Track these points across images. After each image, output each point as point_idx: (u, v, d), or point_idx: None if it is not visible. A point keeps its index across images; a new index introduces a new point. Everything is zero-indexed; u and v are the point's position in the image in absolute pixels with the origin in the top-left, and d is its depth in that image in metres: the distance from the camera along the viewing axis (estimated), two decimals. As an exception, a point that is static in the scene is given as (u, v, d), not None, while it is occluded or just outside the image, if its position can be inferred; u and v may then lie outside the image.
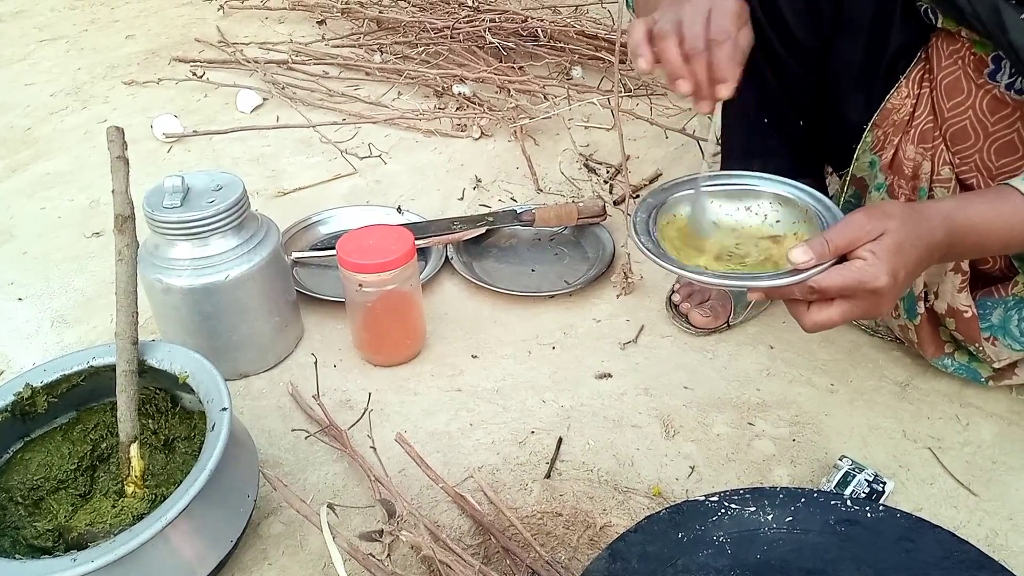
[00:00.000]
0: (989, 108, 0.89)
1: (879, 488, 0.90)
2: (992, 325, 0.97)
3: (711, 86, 0.75)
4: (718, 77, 0.74)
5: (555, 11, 2.07)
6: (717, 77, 0.74)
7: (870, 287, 0.70)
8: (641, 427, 1.02)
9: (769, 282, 0.73)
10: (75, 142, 1.78)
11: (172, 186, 1.01)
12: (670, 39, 0.74)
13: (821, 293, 0.71)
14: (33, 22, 2.51)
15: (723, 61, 0.74)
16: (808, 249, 0.71)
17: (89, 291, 1.31)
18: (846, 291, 0.71)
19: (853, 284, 0.70)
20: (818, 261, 0.71)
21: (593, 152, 1.63)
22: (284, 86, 1.90)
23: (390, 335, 1.11)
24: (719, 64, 0.74)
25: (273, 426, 1.04)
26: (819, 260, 0.71)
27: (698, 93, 0.76)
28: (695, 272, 0.75)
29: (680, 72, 0.74)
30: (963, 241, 0.76)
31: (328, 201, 1.49)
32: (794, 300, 0.75)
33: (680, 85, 0.75)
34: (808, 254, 0.70)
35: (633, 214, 0.83)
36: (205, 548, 0.78)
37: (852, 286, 0.70)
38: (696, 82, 0.75)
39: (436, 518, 0.90)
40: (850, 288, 0.70)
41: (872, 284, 0.70)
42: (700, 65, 0.74)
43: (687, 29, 0.73)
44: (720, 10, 0.74)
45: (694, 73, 0.74)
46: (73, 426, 0.92)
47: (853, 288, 0.70)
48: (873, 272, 0.69)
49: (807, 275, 0.70)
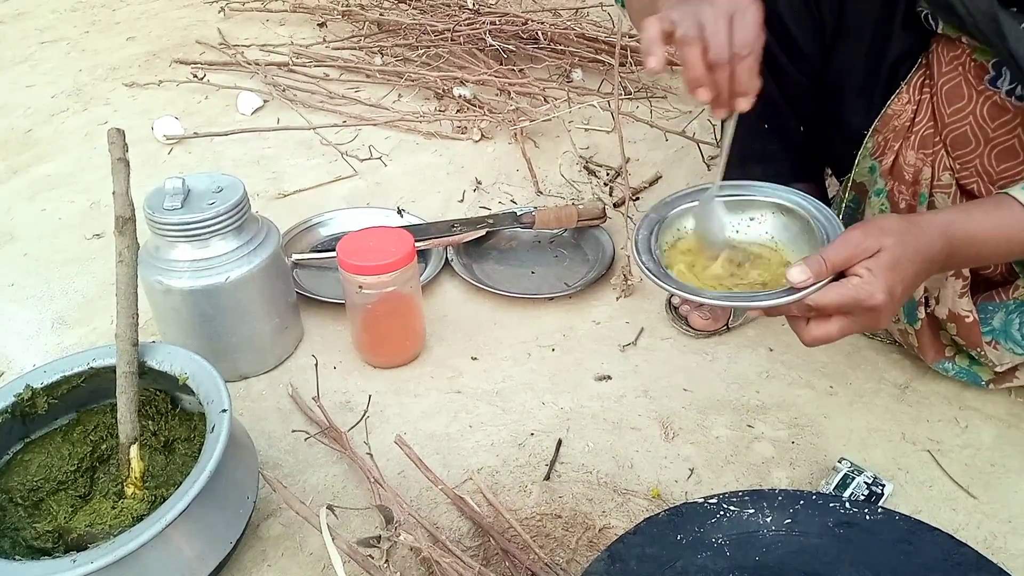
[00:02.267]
0: (989, 114, 0.89)
1: (878, 490, 0.90)
2: (993, 329, 0.97)
3: (731, 97, 0.75)
4: (739, 90, 0.74)
5: (555, 14, 2.07)
6: (738, 90, 0.74)
7: (866, 304, 0.71)
8: (640, 429, 1.02)
9: (767, 302, 0.74)
10: (76, 144, 1.79)
11: (173, 188, 1.01)
12: (694, 46, 0.72)
13: (819, 310, 0.72)
14: (34, 24, 2.51)
15: (745, 74, 0.73)
16: (806, 268, 0.71)
17: (90, 293, 1.31)
18: (843, 308, 0.72)
19: (849, 302, 0.71)
20: (815, 280, 0.71)
21: (593, 154, 1.63)
22: (285, 88, 1.90)
23: (390, 337, 1.11)
24: (741, 77, 0.73)
25: (273, 428, 1.04)
26: (816, 279, 0.71)
27: (716, 102, 0.75)
28: (694, 293, 0.75)
29: (703, 81, 0.73)
30: (962, 252, 0.77)
31: (328, 203, 1.49)
32: (794, 316, 0.76)
33: (701, 94, 0.74)
34: (805, 273, 0.71)
35: (635, 231, 0.82)
36: (205, 549, 0.78)
37: (849, 303, 0.71)
38: (716, 91, 0.74)
39: (435, 520, 0.90)
40: (847, 305, 0.71)
41: (869, 302, 0.70)
42: (723, 76, 0.73)
43: (711, 37, 0.72)
44: (743, 18, 0.72)
45: (716, 84, 0.73)
46: (73, 427, 0.92)
47: (850, 305, 0.71)
48: (869, 290, 0.70)
49: (804, 294, 0.71)
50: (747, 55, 0.72)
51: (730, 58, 0.72)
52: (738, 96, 0.74)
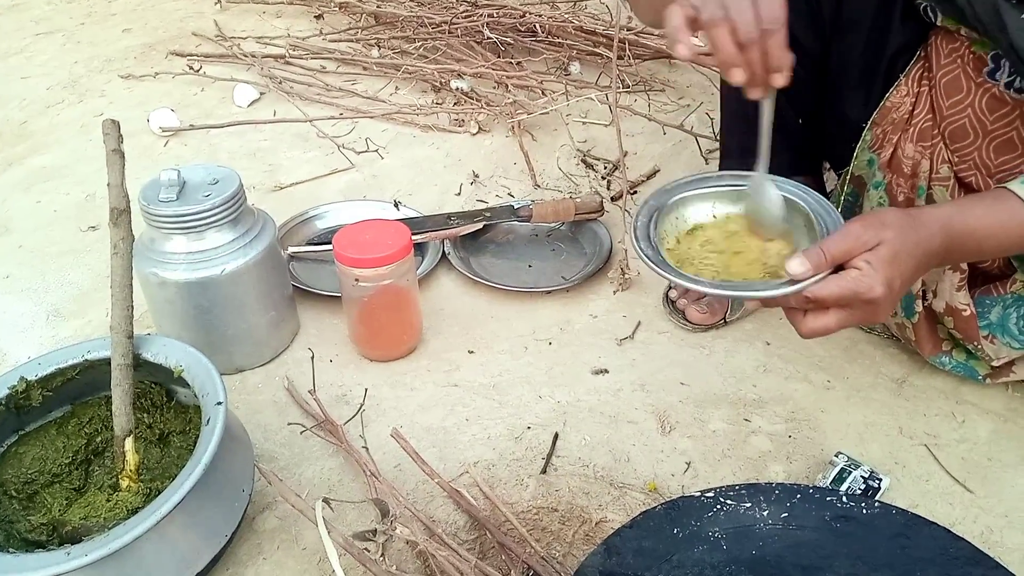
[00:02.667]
0: (988, 107, 0.89)
1: (875, 484, 0.90)
2: (991, 323, 0.97)
3: (766, 74, 0.74)
4: (773, 66, 0.73)
5: (553, 6, 2.07)
6: (772, 66, 0.73)
7: (865, 297, 0.70)
8: (637, 423, 1.02)
9: (766, 292, 0.73)
10: (71, 136, 1.78)
11: (168, 180, 1.00)
12: (721, 27, 0.71)
13: (817, 303, 0.72)
14: (30, 15, 2.50)
15: (777, 49, 0.72)
16: (805, 260, 0.71)
17: (85, 285, 1.30)
18: (841, 301, 0.71)
19: (848, 294, 0.71)
20: (815, 271, 0.71)
21: (591, 148, 1.62)
22: (281, 80, 1.89)
23: (386, 330, 1.11)
24: (773, 52, 0.72)
25: (268, 421, 1.03)
26: (816, 271, 0.71)
27: (752, 82, 0.75)
28: (692, 281, 0.75)
29: (735, 61, 0.72)
30: (961, 247, 0.77)
31: (325, 196, 1.49)
32: (791, 308, 0.75)
33: (735, 74, 0.73)
34: (805, 265, 0.71)
35: (634, 218, 0.82)
36: (200, 542, 0.78)
37: (847, 296, 0.71)
38: (752, 71, 0.73)
39: (431, 513, 0.90)
40: (845, 298, 0.71)
41: (867, 295, 0.70)
42: (755, 54, 0.72)
43: (738, 16, 0.71)
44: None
45: (749, 63, 0.72)
46: (68, 420, 0.92)
47: (848, 298, 0.71)
48: (868, 283, 0.70)
49: (803, 285, 0.71)
50: (777, 29, 0.71)
51: (760, 35, 0.71)
52: (773, 72, 0.73)
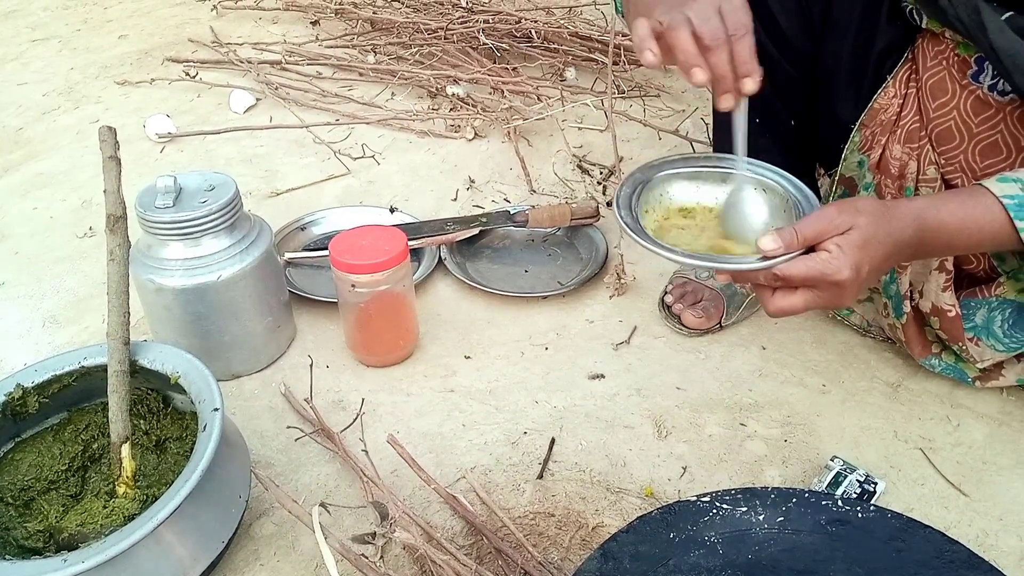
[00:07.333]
0: (973, 109, 0.89)
1: (870, 488, 0.90)
2: (976, 325, 0.97)
3: (736, 80, 0.75)
4: (742, 71, 0.74)
5: (549, 12, 2.07)
6: (741, 72, 0.74)
7: (832, 279, 0.71)
8: (633, 428, 1.02)
9: (736, 265, 0.75)
10: (67, 142, 1.78)
11: (164, 186, 1.01)
12: (681, 29, 0.72)
13: (785, 281, 0.73)
14: (26, 21, 2.50)
15: (744, 54, 0.73)
16: (777, 238, 0.72)
17: (81, 291, 1.30)
18: (809, 281, 0.73)
19: (816, 275, 0.72)
20: (786, 250, 0.72)
21: (586, 153, 1.63)
22: (277, 86, 1.89)
23: (383, 336, 1.11)
24: (741, 57, 0.73)
25: (265, 427, 1.03)
26: (787, 249, 0.72)
27: (722, 87, 0.75)
28: (666, 249, 0.76)
29: (695, 60, 0.73)
30: (933, 240, 0.78)
31: (321, 202, 1.49)
32: (760, 285, 0.76)
33: (696, 74, 0.73)
34: (777, 242, 0.72)
35: (619, 187, 0.83)
36: (197, 549, 0.78)
37: (815, 277, 0.72)
38: (719, 75, 0.74)
39: (428, 519, 0.90)
40: (812, 279, 0.72)
41: (834, 277, 0.71)
42: (722, 58, 0.73)
43: (703, 24, 0.72)
44: (730, 3, 0.73)
45: (715, 66, 0.73)
46: (64, 427, 0.91)
47: (816, 279, 0.72)
48: (836, 265, 0.71)
49: (773, 263, 0.72)
50: (744, 35, 0.73)
51: (726, 39, 0.72)
52: (743, 78, 0.74)
